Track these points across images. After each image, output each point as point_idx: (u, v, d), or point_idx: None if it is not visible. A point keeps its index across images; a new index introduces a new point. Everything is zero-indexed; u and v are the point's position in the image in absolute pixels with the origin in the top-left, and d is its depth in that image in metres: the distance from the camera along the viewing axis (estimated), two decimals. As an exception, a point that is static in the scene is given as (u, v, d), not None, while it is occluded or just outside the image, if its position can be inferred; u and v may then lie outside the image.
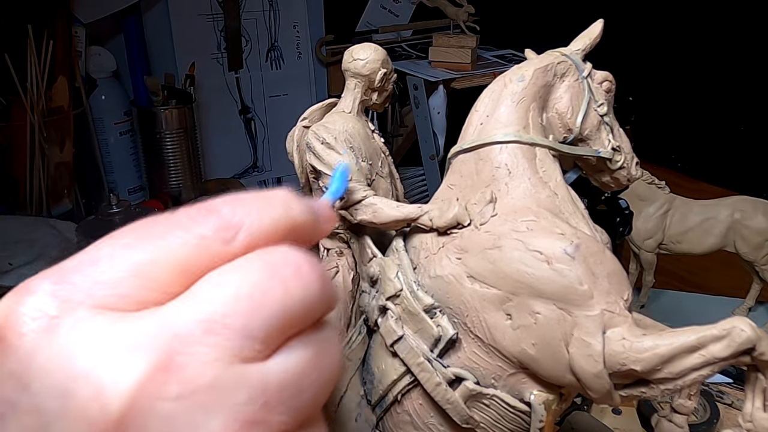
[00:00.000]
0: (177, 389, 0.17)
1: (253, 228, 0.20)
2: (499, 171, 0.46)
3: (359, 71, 0.54)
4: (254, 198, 0.21)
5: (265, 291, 0.18)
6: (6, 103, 1.07)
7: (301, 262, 0.20)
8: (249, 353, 0.18)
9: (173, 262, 0.19)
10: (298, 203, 0.21)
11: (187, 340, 0.17)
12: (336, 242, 0.54)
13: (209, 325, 0.17)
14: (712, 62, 1.40)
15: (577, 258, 0.39)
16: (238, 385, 0.17)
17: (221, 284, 0.18)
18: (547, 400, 0.42)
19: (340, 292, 0.23)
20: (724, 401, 0.75)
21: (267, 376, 0.18)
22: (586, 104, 0.49)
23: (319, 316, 0.20)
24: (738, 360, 0.37)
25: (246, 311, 0.18)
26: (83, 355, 0.17)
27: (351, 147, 0.50)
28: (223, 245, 0.19)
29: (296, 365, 0.19)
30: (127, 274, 0.18)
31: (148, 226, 0.19)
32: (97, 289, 0.18)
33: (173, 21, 1.28)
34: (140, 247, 0.19)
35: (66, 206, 1.14)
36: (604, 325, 0.38)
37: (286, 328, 0.19)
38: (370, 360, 0.49)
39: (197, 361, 0.17)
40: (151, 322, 0.17)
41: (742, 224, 0.90)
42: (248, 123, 1.43)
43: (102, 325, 0.17)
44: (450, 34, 1.25)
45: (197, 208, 0.20)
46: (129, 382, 0.16)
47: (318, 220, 0.22)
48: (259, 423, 0.18)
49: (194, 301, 0.18)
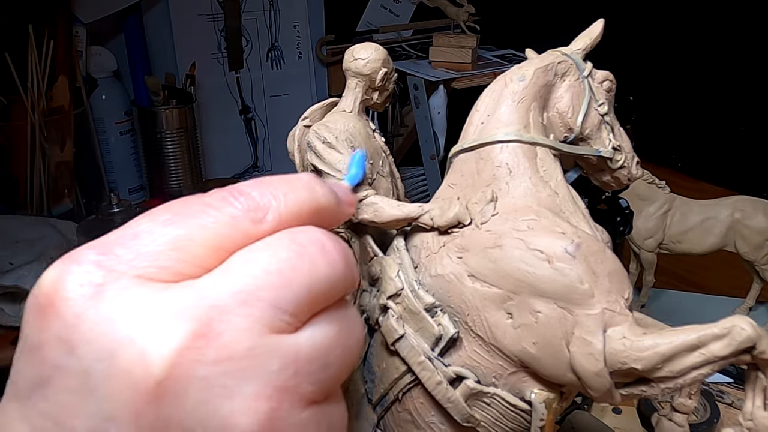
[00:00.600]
0: (214, 354, 0.18)
1: (281, 209, 0.21)
2: (499, 170, 0.46)
3: (360, 71, 0.54)
4: (281, 181, 0.22)
5: (293, 267, 0.20)
6: (6, 103, 1.07)
7: (326, 241, 0.21)
8: (280, 324, 0.19)
9: (208, 238, 0.20)
10: (321, 186, 0.23)
11: (224, 310, 0.18)
12: (337, 241, 0.54)
13: (243, 296, 0.19)
14: (712, 62, 1.40)
15: (577, 257, 0.39)
16: (271, 354, 0.18)
17: (253, 260, 0.20)
18: (547, 398, 0.42)
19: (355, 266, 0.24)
20: (725, 400, 0.75)
21: (298, 347, 0.19)
22: (587, 104, 0.49)
23: (343, 293, 0.22)
24: (738, 359, 0.37)
25: (276, 285, 0.19)
26: (127, 321, 0.18)
27: (352, 146, 0.50)
28: (253, 224, 0.21)
29: (323, 339, 0.20)
30: (166, 247, 0.19)
31: (183, 205, 0.21)
32: (139, 260, 0.19)
33: (174, 21, 1.28)
34: (178, 224, 0.20)
35: (66, 206, 1.14)
36: (604, 323, 0.38)
37: (313, 303, 0.20)
38: (371, 359, 0.49)
39: (233, 330, 0.18)
40: (190, 292, 0.18)
41: (742, 224, 0.90)
42: (249, 123, 1.43)
43: (144, 294, 0.18)
44: (450, 34, 1.26)
45: (228, 190, 0.21)
46: (170, 347, 0.17)
47: (340, 202, 0.24)
48: (290, 390, 0.19)
49: (229, 275, 0.19)
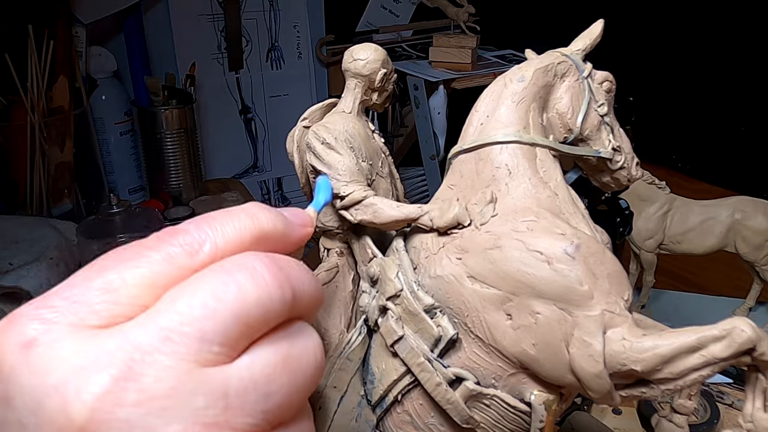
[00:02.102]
0: (135, 397, 0.18)
1: (217, 239, 0.21)
2: (499, 171, 0.46)
3: (359, 71, 0.54)
4: (221, 213, 0.22)
5: (217, 296, 0.19)
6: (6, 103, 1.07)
7: (256, 264, 0.20)
8: (208, 357, 0.19)
9: (143, 277, 0.20)
10: (265, 212, 0.23)
11: (146, 350, 0.18)
12: (336, 242, 0.54)
13: (166, 333, 0.19)
14: (712, 62, 1.40)
15: (577, 258, 0.39)
16: (196, 390, 0.18)
17: (179, 295, 0.20)
18: (547, 400, 0.42)
19: (318, 287, 0.23)
20: (725, 401, 0.75)
21: (228, 380, 0.19)
22: (587, 104, 0.49)
23: (282, 315, 0.21)
24: (738, 360, 0.37)
25: (200, 317, 0.19)
26: (55, 371, 0.18)
27: (351, 147, 0.50)
28: (189, 258, 0.21)
29: (262, 368, 0.20)
30: (99, 292, 0.20)
31: (121, 251, 0.21)
32: (73, 308, 0.19)
33: (174, 21, 1.28)
34: (112, 268, 0.20)
35: (66, 206, 1.14)
36: (604, 325, 0.38)
37: (246, 331, 0.20)
38: (371, 360, 0.49)
39: (155, 369, 0.18)
40: (116, 336, 0.19)
41: (742, 224, 0.90)
42: (248, 123, 1.43)
43: (73, 343, 0.19)
44: (450, 34, 1.26)
45: (166, 230, 0.21)
46: (90, 393, 0.18)
47: (288, 225, 0.24)
48: (221, 426, 0.18)
49: (155, 313, 0.19)
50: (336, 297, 0.54)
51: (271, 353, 0.20)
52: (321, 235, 0.55)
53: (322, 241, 0.55)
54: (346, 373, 0.50)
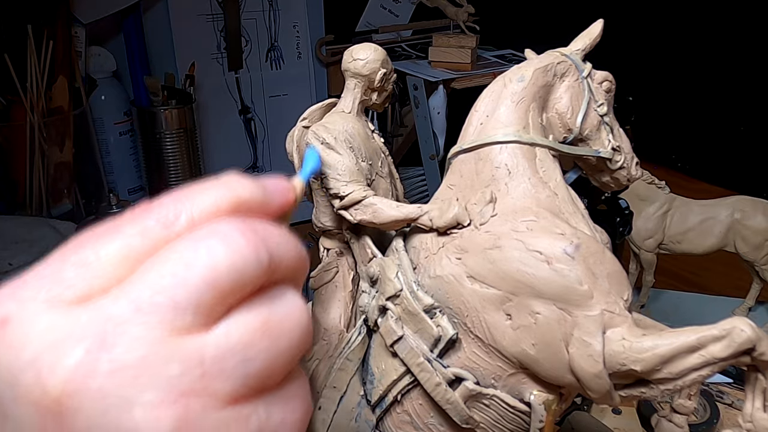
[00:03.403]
0: (107, 367, 0.18)
1: (193, 210, 0.21)
2: (499, 171, 0.46)
3: (359, 71, 0.54)
4: (197, 186, 0.22)
5: (187, 263, 0.19)
6: (6, 103, 1.07)
7: (228, 230, 0.20)
8: (182, 325, 0.19)
9: (117, 252, 0.20)
10: (242, 181, 0.22)
11: (118, 322, 0.18)
12: (336, 242, 0.54)
13: (137, 304, 0.19)
14: (712, 62, 1.40)
15: (577, 258, 0.39)
16: (170, 359, 0.18)
17: (151, 266, 0.19)
18: (547, 400, 0.42)
19: (300, 251, 0.23)
20: (724, 401, 0.75)
21: (203, 348, 0.19)
22: (586, 104, 0.49)
23: (264, 280, 0.21)
24: (738, 360, 0.37)
25: (170, 285, 0.19)
26: (29, 346, 0.18)
27: (351, 147, 0.50)
28: (164, 230, 0.20)
29: (240, 333, 0.20)
30: (73, 268, 0.20)
31: (99, 228, 0.21)
32: (47, 285, 0.19)
33: (173, 21, 1.28)
34: (85, 245, 0.20)
35: (66, 206, 1.14)
36: (604, 325, 0.38)
37: (220, 297, 0.19)
38: (370, 360, 0.49)
39: (127, 339, 0.18)
40: (90, 310, 0.19)
41: (742, 224, 0.90)
42: (248, 123, 1.43)
43: (48, 318, 0.19)
44: (450, 34, 1.26)
45: (140, 206, 0.21)
46: (64, 364, 0.18)
47: (268, 194, 0.23)
48: (199, 394, 0.18)
49: (128, 285, 0.19)
50: (336, 297, 0.54)
51: (250, 318, 0.20)
52: (321, 235, 0.55)
53: (322, 241, 0.55)
54: (345, 373, 0.50)
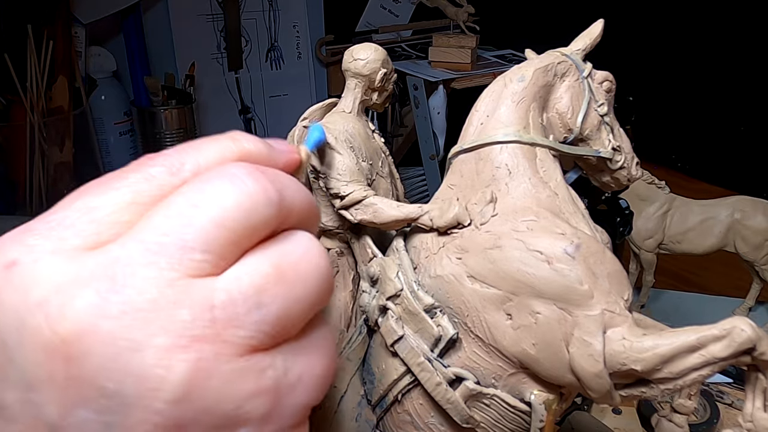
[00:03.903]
0: (117, 308, 0.17)
1: (199, 158, 0.21)
2: (499, 171, 0.46)
3: (359, 71, 0.54)
4: (201, 139, 0.22)
5: (194, 203, 0.19)
6: (6, 103, 1.07)
7: (234, 171, 0.20)
8: (191, 265, 0.18)
9: (122, 197, 0.20)
10: (247, 136, 0.22)
11: (129, 263, 0.18)
12: (336, 242, 0.54)
13: (145, 245, 0.18)
14: (712, 62, 1.40)
15: (577, 258, 0.39)
16: (180, 302, 0.18)
17: (158, 209, 0.19)
18: (547, 399, 0.42)
19: (311, 198, 0.22)
20: (724, 401, 0.75)
21: (213, 292, 0.18)
22: (587, 104, 0.49)
23: (276, 223, 0.20)
24: (738, 360, 0.37)
25: (177, 225, 0.18)
26: (37, 288, 0.18)
27: (351, 147, 0.50)
28: (170, 176, 0.20)
29: (251, 277, 0.19)
30: (79, 214, 0.19)
31: (102, 178, 0.21)
32: (54, 231, 0.19)
33: (173, 21, 1.28)
34: (92, 192, 0.20)
35: (66, 206, 1.14)
36: (604, 325, 0.38)
37: (230, 237, 0.19)
38: (370, 360, 0.49)
39: (137, 281, 0.18)
40: (97, 254, 0.18)
41: (742, 224, 0.90)
42: (248, 123, 1.43)
43: (55, 262, 0.18)
44: (450, 34, 1.26)
45: (149, 155, 0.21)
46: (75, 306, 0.17)
47: (273, 150, 0.23)
48: (211, 340, 0.18)
49: (135, 230, 0.19)
50: (336, 297, 0.54)
51: (261, 262, 0.19)
52: (321, 235, 0.55)
53: (322, 241, 0.55)
54: (346, 373, 0.50)
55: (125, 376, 0.17)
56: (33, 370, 0.17)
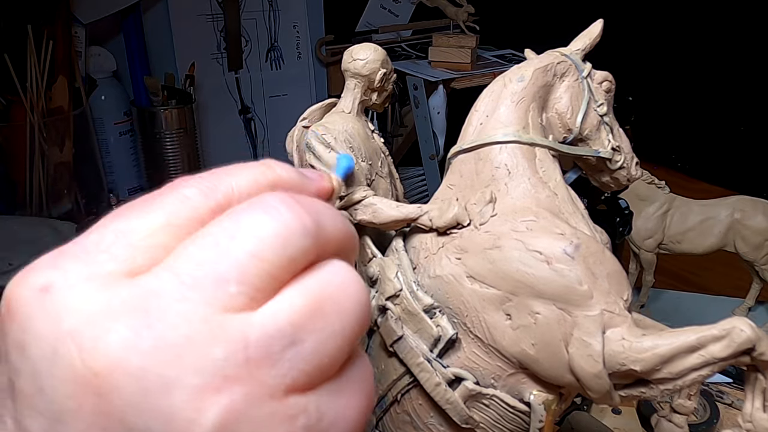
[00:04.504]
0: (150, 343, 0.17)
1: (232, 182, 0.21)
2: (498, 171, 0.46)
3: (359, 71, 0.54)
4: (235, 165, 0.22)
5: (230, 235, 0.18)
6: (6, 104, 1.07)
7: (270, 201, 0.19)
8: (226, 299, 0.18)
9: (156, 220, 0.19)
10: (280, 163, 0.22)
11: (162, 297, 0.18)
12: (336, 242, 0.54)
13: (180, 278, 0.18)
14: (712, 62, 1.40)
15: (576, 258, 0.39)
16: (214, 340, 0.17)
17: (193, 240, 0.19)
18: (546, 400, 0.42)
19: (349, 226, 0.21)
20: (724, 401, 0.75)
21: (250, 327, 0.18)
22: (586, 104, 0.49)
23: (314, 253, 0.20)
24: (738, 360, 0.37)
25: (213, 257, 0.18)
26: (70, 317, 0.17)
27: (351, 147, 0.50)
28: (204, 198, 0.20)
29: (288, 313, 0.18)
30: (114, 237, 0.19)
31: (138, 200, 0.20)
32: (88, 255, 0.19)
33: (173, 21, 1.28)
34: (125, 216, 0.20)
35: (66, 206, 1.14)
36: (603, 325, 0.38)
37: (267, 269, 0.18)
38: (370, 360, 0.49)
39: (170, 316, 0.17)
40: (132, 284, 0.18)
41: (742, 224, 0.90)
42: (248, 123, 1.43)
43: (90, 290, 0.18)
44: (450, 34, 1.26)
45: (183, 178, 0.21)
46: (106, 341, 0.17)
47: (305, 178, 0.23)
48: (244, 381, 0.17)
49: (169, 261, 0.18)
50: (335, 297, 0.54)
51: (299, 296, 0.19)
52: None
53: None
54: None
55: (155, 415, 0.17)
56: (62, 401, 0.17)
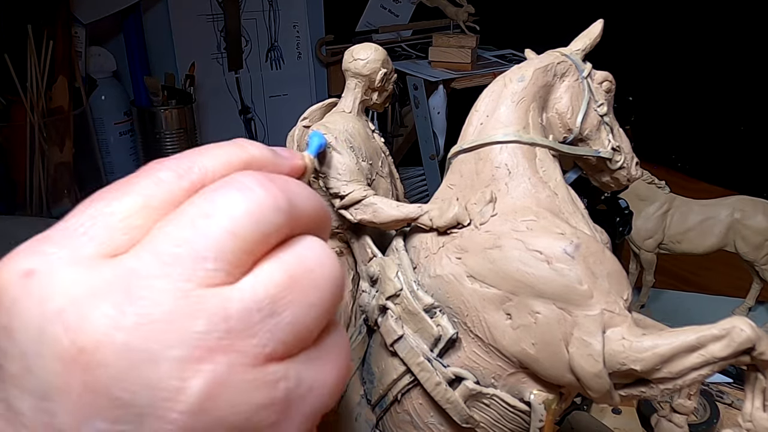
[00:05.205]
0: (133, 320, 0.18)
1: (206, 162, 0.21)
2: (499, 171, 0.46)
3: (359, 71, 0.54)
4: (208, 145, 0.22)
5: (205, 213, 0.19)
6: (6, 104, 1.07)
7: (243, 180, 0.20)
8: (204, 275, 0.18)
9: (133, 203, 0.20)
10: (252, 142, 0.23)
11: (142, 275, 0.18)
12: (336, 242, 0.54)
13: (159, 257, 0.18)
14: (712, 62, 1.40)
15: (576, 258, 0.39)
16: (195, 313, 0.18)
17: (170, 220, 0.19)
18: (546, 399, 0.42)
19: (321, 202, 0.22)
20: (724, 401, 0.75)
21: (228, 302, 0.18)
22: (586, 104, 0.49)
23: (288, 229, 0.20)
24: (738, 360, 0.37)
25: (189, 236, 0.19)
26: (55, 299, 0.18)
27: (351, 147, 0.50)
28: (178, 179, 0.20)
29: (265, 286, 0.19)
30: (92, 221, 0.20)
31: (115, 183, 0.21)
32: (68, 239, 0.19)
33: (173, 21, 1.28)
34: (103, 199, 0.20)
35: (66, 206, 1.14)
36: (603, 324, 0.38)
37: (242, 245, 0.19)
38: (370, 359, 0.49)
39: (152, 293, 0.18)
40: (113, 264, 0.19)
41: (742, 224, 0.90)
42: (248, 123, 1.43)
43: (72, 272, 0.19)
44: (450, 34, 1.26)
45: (157, 160, 0.21)
46: (91, 319, 0.18)
47: (277, 156, 0.23)
48: (225, 350, 0.18)
49: (147, 240, 0.19)
50: (336, 297, 0.54)
51: (275, 269, 0.19)
52: (321, 234, 0.55)
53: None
54: (345, 373, 0.50)
55: (140, 387, 0.17)
56: (50, 379, 0.18)
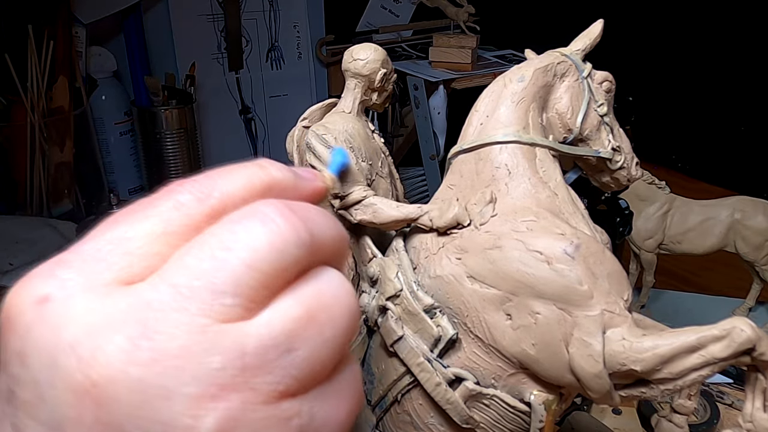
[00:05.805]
0: (148, 355, 0.17)
1: (227, 185, 0.21)
2: (499, 171, 0.46)
3: (359, 71, 0.54)
4: (230, 166, 0.22)
5: (226, 246, 0.19)
6: (6, 104, 1.07)
7: (265, 210, 0.19)
8: (222, 310, 0.18)
9: (152, 227, 0.20)
10: (273, 163, 0.22)
11: (159, 308, 0.18)
12: (336, 242, 0.54)
13: (177, 289, 0.18)
14: (712, 62, 1.40)
15: (577, 258, 0.39)
16: (211, 349, 0.18)
17: (188, 250, 0.19)
18: (547, 400, 0.42)
19: (341, 231, 0.22)
20: (724, 401, 0.75)
21: (245, 338, 0.18)
22: (586, 104, 0.49)
23: (307, 262, 0.20)
24: (738, 360, 0.37)
25: (209, 269, 0.18)
26: (70, 328, 0.18)
27: (351, 147, 0.50)
28: (198, 204, 0.20)
29: (283, 322, 0.19)
30: (111, 246, 0.19)
31: (134, 205, 0.21)
32: (85, 264, 0.19)
33: (173, 21, 1.28)
34: (121, 222, 0.20)
35: (66, 206, 1.14)
36: (604, 325, 0.38)
37: (262, 279, 0.19)
38: (370, 360, 0.49)
39: (168, 327, 0.18)
40: (129, 294, 0.18)
41: (742, 224, 0.90)
42: (248, 123, 1.43)
43: (88, 301, 0.18)
44: (450, 34, 1.26)
45: (174, 183, 0.21)
46: (105, 352, 0.17)
47: (299, 178, 0.23)
48: (240, 388, 0.18)
49: (165, 271, 0.19)
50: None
51: (293, 305, 0.19)
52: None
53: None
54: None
55: (153, 423, 0.17)
56: (62, 410, 0.17)
